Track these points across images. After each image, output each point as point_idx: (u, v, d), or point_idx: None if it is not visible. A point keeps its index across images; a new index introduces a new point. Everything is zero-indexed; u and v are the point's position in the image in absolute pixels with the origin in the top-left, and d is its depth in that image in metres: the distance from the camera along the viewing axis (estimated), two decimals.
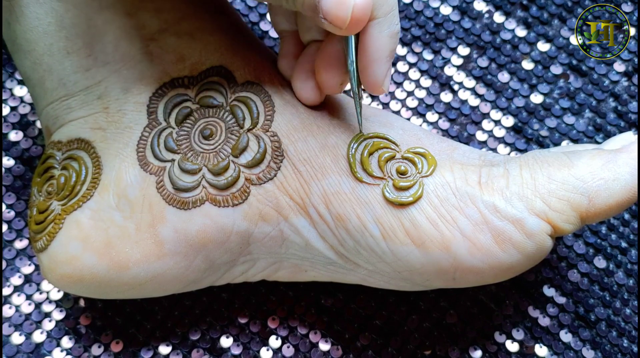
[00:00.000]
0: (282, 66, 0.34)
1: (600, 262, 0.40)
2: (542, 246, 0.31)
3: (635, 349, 0.38)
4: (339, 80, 0.32)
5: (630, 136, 0.33)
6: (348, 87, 0.41)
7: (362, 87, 0.32)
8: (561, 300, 0.39)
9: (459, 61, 0.43)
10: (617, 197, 0.31)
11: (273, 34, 0.44)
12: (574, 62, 0.43)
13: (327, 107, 0.34)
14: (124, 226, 0.32)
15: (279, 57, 0.34)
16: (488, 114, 0.42)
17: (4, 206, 0.40)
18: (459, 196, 0.31)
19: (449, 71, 0.43)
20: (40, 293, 0.39)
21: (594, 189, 0.31)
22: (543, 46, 0.43)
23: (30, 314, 0.38)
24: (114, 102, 0.33)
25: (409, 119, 0.42)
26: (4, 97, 0.42)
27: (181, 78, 0.33)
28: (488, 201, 0.31)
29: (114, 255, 0.32)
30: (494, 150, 0.42)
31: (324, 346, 0.38)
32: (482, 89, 0.43)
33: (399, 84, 0.43)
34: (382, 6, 0.29)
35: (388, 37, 0.30)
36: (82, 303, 0.38)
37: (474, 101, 0.43)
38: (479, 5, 0.44)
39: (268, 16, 0.44)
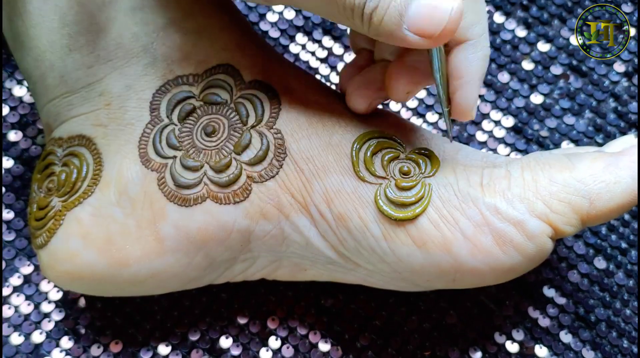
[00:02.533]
0: (344, 72, 0.34)
1: (600, 263, 0.40)
2: (543, 248, 0.31)
3: (636, 350, 0.38)
4: (406, 89, 0.31)
5: (631, 139, 0.33)
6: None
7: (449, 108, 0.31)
8: (561, 300, 0.39)
9: None
10: (618, 200, 0.31)
11: (273, 34, 0.44)
12: (574, 62, 0.43)
13: (336, 106, 0.33)
14: (124, 223, 0.32)
15: (346, 65, 0.35)
16: (488, 114, 0.42)
17: (3, 206, 0.40)
18: (461, 197, 0.31)
19: None
20: (40, 294, 0.38)
21: (595, 191, 0.31)
22: (543, 46, 0.43)
23: (29, 314, 0.38)
24: (116, 98, 0.33)
25: (409, 119, 0.42)
26: (3, 97, 0.42)
27: (186, 76, 0.33)
28: (489, 203, 0.31)
29: (115, 252, 0.32)
30: (494, 150, 0.42)
31: (324, 346, 0.38)
32: (482, 90, 0.43)
33: None
34: (476, 27, 0.29)
35: (481, 59, 0.29)
36: (81, 303, 0.38)
37: None
38: None
39: (268, 16, 0.44)
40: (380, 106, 0.42)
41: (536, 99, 0.43)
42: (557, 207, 0.31)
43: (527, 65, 0.43)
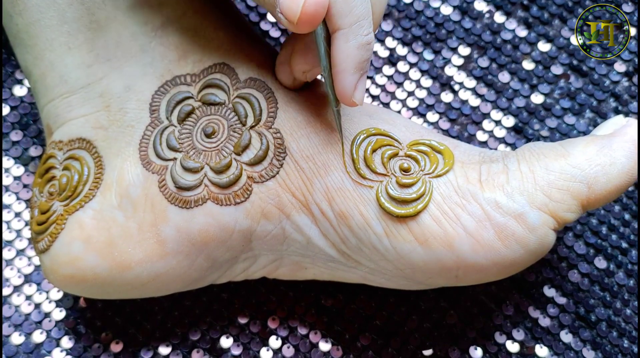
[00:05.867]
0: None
1: (600, 263, 0.40)
2: (544, 240, 0.31)
3: (636, 349, 0.38)
4: (301, 67, 0.32)
5: (621, 120, 0.33)
6: None
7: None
8: (562, 300, 0.39)
9: (460, 61, 0.43)
10: (616, 181, 0.31)
11: (274, 33, 0.44)
12: (575, 62, 0.43)
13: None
14: (126, 225, 0.32)
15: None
16: (489, 114, 0.42)
17: (3, 206, 0.40)
18: (461, 193, 0.31)
19: (449, 71, 0.43)
20: (40, 293, 0.38)
21: (592, 175, 0.31)
22: (544, 46, 0.43)
23: (30, 314, 0.38)
24: (115, 100, 0.33)
25: (409, 119, 0.42)
26: (4, 97, 0.42)
27: (183, 76, 0.33)
28: (489, 198, 0.31)
29: (117, 255, 0.32)
30: (495, 150, 0.42)
31: (324, 346, 0.38)
32: (482, 89, 0.43)
33: (399, 84, 0.43)
34: (346, 16, 0.29)
35: (355, 48, 0.29)
36: (82, 303, 0.38)
37: (474, 101, 0.43)
38: (480, 6, 0.44)
39: (269, 16, 0.44)
40: (380, 105, 0.42)
41: (537, 99, 0.43)
42: (556, 195, 0.31)
43: (528, 65, 0.43)
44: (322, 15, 0.28)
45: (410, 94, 0.43)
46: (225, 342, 0.38)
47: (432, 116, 0.42)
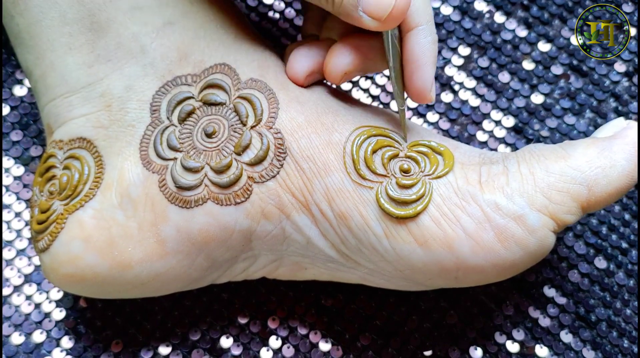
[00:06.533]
0: (290, 47, 0.35)
1: (600, 263, 0.40)
2: (544, 242, 0.31)
3: (636, 350, 0.38)
4: (344, 69, 0.33)
5: (621, 122, 0.33)
6: (349, 87, 0.41)
7: (407, 95, 0.33)
8: (562, 300, 0.39)
9: (460, 61, 0.43)
10: (616, 184, 0.31)
11: (274, 33, 0.44)
12: (575, 62, 0.43)
13: (333, 104, 0.34)
14: (126, 225, 0.32)
15: (290, 45, 0.35)
16: (489, 114, 0.42)
17: (3, 206, 0.40)
18: (461, 195, 0.31)
19: (449, 71, 0.43)
20: (40, 293, 0.38)
21: (592, 178, 0.31)
22: (544, 46, 0.43)
23: (30, 314, 0.38)
24: (116, 100, 0.33)
25: (409, 119, 0.42)
26: (4, 97, 0.42)
27: (184, 76, 0.33)
28: (489, 199, 0.31)
29: (117, 255, 0.32)
30: (495, 150, 0.42)
31: (324, 346, 0.38)
32: (482, 90, 0.43)
33: None
34: (423, 14, 0.30)
35: (432, 43, 0.31)
36: (82, 303, 0.38)
37: (474, 101, 0.43)
38: (480, 6, 0.44)
39: (270, 13, 0.44)
40: (380, 106, 0.42)
41: (537, 99, 0.43)
42: (556, 197, 0.31)
43: (528, 65, 0.43)
44: (406, 12, 0.30)
45: None
46: (225, 342, 0.38)
47: (432, 116, 0.42)
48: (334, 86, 0.36)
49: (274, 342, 0.38)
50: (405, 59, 0.31)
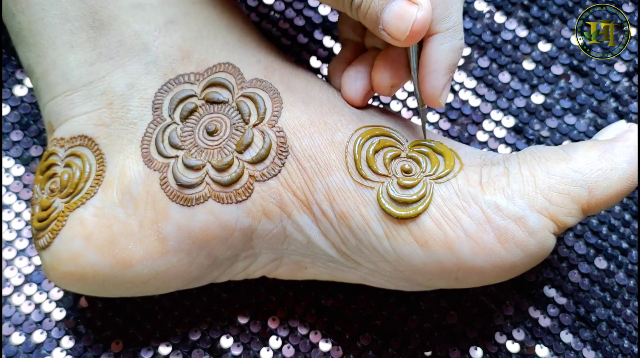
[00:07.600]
0: (332, 65, 0.35)
1: (601, 263, 0.40)
2: (544, 244, 0.31)
3: (636, 350, 0.38)
4: (390, 82, 0.33)
5: (623, 125, 0.33)
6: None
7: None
8: (562, 300, 0.39)
9: (460, 61, 0.43)
10: (616, 186, 0.31)
11: (275, 33, 0.44)
12: (575, 62, 0.43)
13: (339, 104, 0.34)
14: (127, 223, 0.32)
15: (334, 59, 0.36)
16: (489, 114, 0.42)
17: (3, 206, 0.40)
18: (462, 196, 0.31)
19: None
20: (40, 293, 0.38)
21: (592, 180, 0.31)
22: (544, 46, 0.43)
23: (30, 314, 0.38)
24: (118, 97, 0.33)
25: (409, 119, 0.42)
26: (4, 97, 0.42)
27: (187, 74, 0.33)
28: (490, 201, 0.31)
29: (117, 253, 0.32)
30: (495, 151, 0.42)
31: (325, 346, 0.38)
32: (482, 90, 0.43)
33: None
34: (444, 22, 0.30)
35: (448, 50, 0.31)
36: (82, 303, 0.38)
37: (474, 102, 0.43)
38: (480, 6, 0.44)
39: (271, 14, 0.44)
40: (380, 105, 0.42)
41: (537, 99, 0.43)
42: (557, 199, 0.31)
43: (528, 65, 0.43)
44: (426, 30, 0.30)
45: (411, 94, 0.43)
46: (226, 342, 0.38)
47: (432, 116, 0.42)
48: None
49: (274, 342, 0.38)
50: (420, 63, 0.32)
